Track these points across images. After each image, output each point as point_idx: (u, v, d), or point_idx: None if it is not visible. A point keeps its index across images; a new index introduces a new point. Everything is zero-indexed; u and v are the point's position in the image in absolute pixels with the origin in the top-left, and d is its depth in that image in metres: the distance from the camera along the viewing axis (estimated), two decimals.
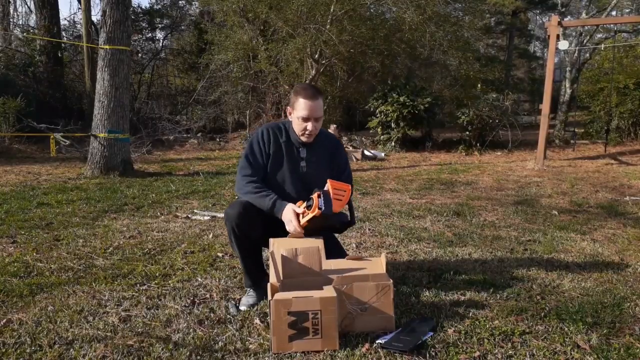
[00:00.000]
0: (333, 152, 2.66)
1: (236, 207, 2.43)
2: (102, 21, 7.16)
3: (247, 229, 2.42)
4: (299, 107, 2.49)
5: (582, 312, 2.37)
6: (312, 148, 2.60)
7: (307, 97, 2.47)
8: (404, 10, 11.33)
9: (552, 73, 9.50)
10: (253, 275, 2.55)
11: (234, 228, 2.41)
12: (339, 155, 2.69)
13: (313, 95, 2.48)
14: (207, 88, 15.33)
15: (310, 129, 2.50)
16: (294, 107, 2.53)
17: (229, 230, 2.45)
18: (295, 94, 2.53)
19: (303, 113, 2.47)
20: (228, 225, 2.44)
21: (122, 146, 7.30)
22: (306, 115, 2.47)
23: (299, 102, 2.48)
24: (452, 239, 3.83)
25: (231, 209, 2.44)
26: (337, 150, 2.69)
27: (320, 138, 2.62)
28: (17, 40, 15.53)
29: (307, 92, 2.49)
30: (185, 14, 17.90)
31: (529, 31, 27.29)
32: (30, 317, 2.34)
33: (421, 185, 6.71)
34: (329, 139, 2.70)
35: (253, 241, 2.49)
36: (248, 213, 2.41)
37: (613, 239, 3.87)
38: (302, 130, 2.52)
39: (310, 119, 2.48)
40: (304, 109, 2.47)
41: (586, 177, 7.50)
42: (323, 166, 2.61)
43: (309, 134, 2.52)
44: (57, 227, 4.11)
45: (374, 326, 2.19)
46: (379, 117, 12.11)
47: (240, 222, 2.40)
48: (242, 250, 2.48)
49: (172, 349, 2.04)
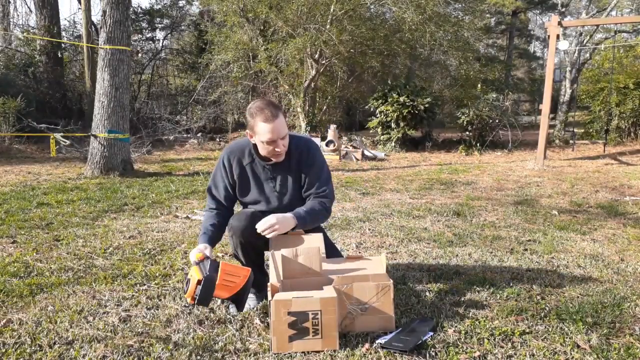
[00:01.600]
0: (299, 164, 2.43)
1: (242, 221, 2.37)
2: (102, 21, 7.15)
3: (254, 241, 2.40)
4: (260, 130, 2.25)
5: (582, 312, 2.37)
6: (278, 165, 2.42)
7: (266, 119, 2.22)
8: (404, 10, 11.33)
9: (552, 73, 9.50)
10: (257, 280, 2.54)
11: (241, 241, 2.39)
12: (305, 167, 2.43)
13: (272, 114, 2.22)
14: (207, 88, 15.33)
15: (280, 149, 2.30)
16: (254, 132, 2.28)
17: (235, 243, 2.41)
18: (252, 117, 2.27)
19: (267, 137, 2.24)
20: (235, 239, 2.40)
21: (122, 146, 7.30)
22: (270, 138, 2.25)
23: (259, 126, 2.24)
24: (452, 239, 3.83)
25: (237, 222, 2.39)
26: (305, 161, 2.43)
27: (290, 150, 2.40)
28: (17, 40, 15.53)
29: (264, 114, 2.23)
30: (185, 14, 17.89)
31: (529, 31, 27.31)
32: (30, 317, 2.34)
33: (421, 185, 6.71)
34: (297, 147, 2.43)
35: (257, 250, 2.49)
36: (253, 225, 2.34)
37: (613, 239, 3.87)
38: (270, 153, 2.32)
39: (276, 140, 2.27)
40: (266, 133, 2.24)
41: (586, 177, 7.50)
42: (292, 182, 2.45)
43: (278, 153, 2.33)
44: (57, 227, 4.11)
45: (374, 326, 2.19)
46: (379, 117, 12.12)
47: (247, 235, 2.37)
48: (248, 260, 2.47)
49: (172, 349, 2.04)
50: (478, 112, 11.70)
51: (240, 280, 2.12)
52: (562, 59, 20.04)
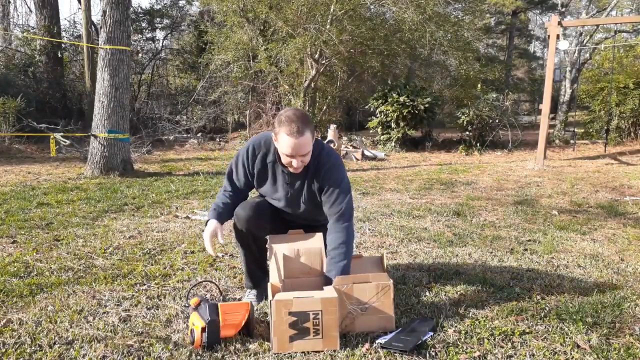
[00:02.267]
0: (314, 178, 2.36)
1: (247, 210, 2.38)
2: (102, 21, 7.15)
3: (255, 232, 2.41)
4: (282, 141, 2.18)
5: (582, 312, 2.37)
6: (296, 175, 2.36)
7: (290, 134, 2.14)
8: (404, 10, 11.33)
9: (552, 73, 9.50)
10: (254, 276, 2.55)
11: (243, 230, 2.40)
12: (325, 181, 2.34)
13: (298, 131, 2.13)
14: (207, 88, 15.33)
15: (296, 166, 2.24)
16: (277, 139, 2.22)
17: (236, 231, 2.43)
18: (280, 124, 2.18)
19: (287, 151, 2.19)
20: (237, 227, 2.42)
21: (122, 146, 7.30)
22: (289, 153, 2.19)
23: (282, 137, 2.17)
24: (452, 239, 3.83)
25: (242, 210, 2.40)
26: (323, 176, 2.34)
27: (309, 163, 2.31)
28: (17, 40, 15.53)
29: (291, 128, 2.13)
30: (185, 14, 17.89)
31: (529, 31, 27.32)
32: (30, 317, 2.34)
33: (421, 185, 6.71)
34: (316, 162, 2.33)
35: (259, 243, 2.49)
36: (258, 216, 2.36)
37: (613, 239, 3.87)
38: (286, 164, 2.28)
39: (295, 156, 2.21)
40: (286, 147, 2.17)
41: (586, 177, 7.50)
42: (306, 193, 2.39)
43: (294, 169, 2.27)
44: (57, 227, 4.11)
45: (374, 326, 2.19)
46: (379, 117, 12.11)
47: (249, 225, 2.38)
48: (247, 251, 2.48)
49: (172, 349, 2.04)
50: (478, 112, 11.70)
51: (242, 316, 2.09)
52: (562, 59, 20.04)
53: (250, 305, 2.14)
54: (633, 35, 19.72)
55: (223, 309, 2.09)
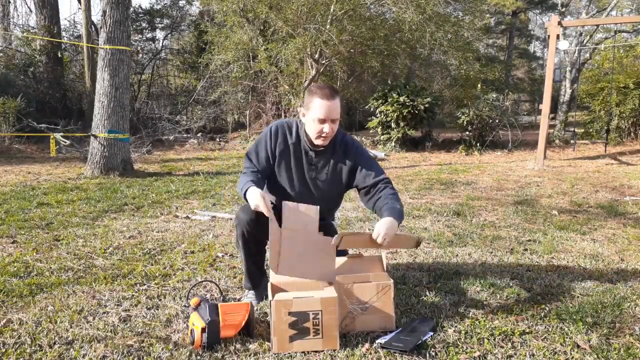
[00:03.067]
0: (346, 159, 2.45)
1: (249, 213, 2.35)
2: (102, 21, 7.16)
3: (257, 234, 2.40)
4: (314, 107, 2.31)
5: (582, 312, 2.37)
6: (323, 153, 2.43)
7: (323, 96, 2.29)
8: (404, 10, 11.33)
9: (552, 73, 9.50)
10: (254, 277, 2.55)
11: (244, 232, 2.39)
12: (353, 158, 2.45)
13: (330, 94, 2.30)
14: (207, 88, 15.33)
15: (327, 131, 2.32)
16: (308, 108, 2.34)
17: (238, 233, 2.43)
18: (311, 93, 2.35)
19: (319, 114, 2.29)
20: (239, 229, 2.41)
21: (122, 146, 7.31)
22: (322, 116, 2.29)
23: (315, 102, 2.30)
24: (452, 239, 3.83)
25: (243, 213, 2.39)
26: (353, 155, 2.45)
27: (334, 143, 2.44)
28: (17, 40, 15.53)
29: (323, 92, 2.31)
30: (185, 14, 17.90)
31: (529, 31, 27.32)
32: (30, 317, 2.34)
33: (421, 185, 6.71)
34: (345, 144, 2.47)
35: (259, 245, 2.49)
36: (260, 219, 2.34)
37: (613, 239, 3.87)
38: (317, 132, 2.34)
39: (327, 121, 2.31)
40: (320, 110, 2.29)
41: (586, 177, 7.50)
42: (330, 171, 2.45)
43: (324, 136, 2.35)
44: (57, 227, 4.11)
45: (375, 326, 2.19)
46: (379, 117, 12.11)
47: (251, 228, 2.38)
48: (247, 253, 2.48)
49: (172, 349, 2.04)
50: (478, 112, 11.70)
51: (242, 316, 2.09)
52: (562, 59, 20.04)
53: (250, 305, 2.14)
54: (633, 35, 19.72)
55: (223, 309, 2.09)
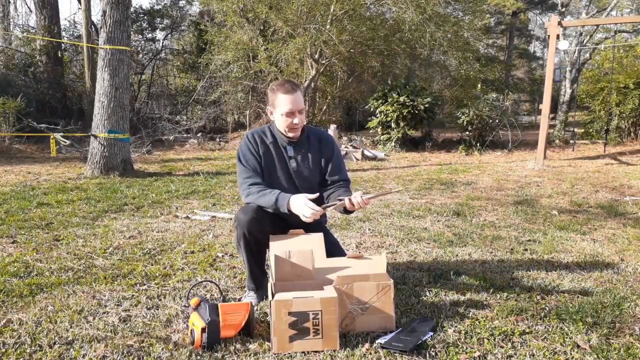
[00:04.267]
0: (320, 149, 2.62)
1: (249, 213, 2.40)
2: (102, 21, 7.15)
3: (258, 235, 2.42)
4: (280, 103, 2.46)
5: (582, 312, 2.37)
6: (298, 145, 2.57)
7: (286, 91, 2.44)
8: (404, 10, 11.33)
9: (552, 73, 9.50)
10: (256, 278, 2.54)
11: (245, 234, 2.40)
12: (326, 150, 2.63)
13: (291, 88, 2.45)
14: (207, 88, 15.33)
15: (297, 122, 2.47)
16: (274, 105, 2.50)
17: (239, 234, 2.43)
18: (273, 92, 2.49)
19: (286, 108, 2.44)
20: (239, 230, 2.42)
21: (122, 146, 7.30)
22: (289, 109, 2.44)
23: (279, 98, 2.46)
24: (452, 239, 3.83)
25: (243, 215, 2.41)
26: (325, 146, 2.63)
27: (307, 134, 2.60)
28: (17, 40, 15.53)
29: (284, 87, 2.46)
30: (185, 14, 17.90)
31: (529, 31, 27.33)
32: (30, 317, 2.34)
33: (421, 185, 6.71)
34: (318, 135, 2.66)
35: (260, 245, 2.49)
36: (259, 219, 2.40)
37: (613, 239, 3.87)
38: (288, 126, 2.49)
39: (294, 113, 2.45)
40: (286, 104, 2.44)
41: (586, 177, 7.50)
42: (311, 163, 2.58)
43: (295, 127, 2.49)
44: (57, 227, 4.11)
45: (375, 326, 2.19)
46: (379, 117, 12.12)
47: (252, 228, 2.39)
48: (249, 255, 2.48)
49: (172, 349, 2.04)
50: (478, 112, 11.70)
51: (242, 316, 2.09)
52: (562, 59, 20.04)
53: (250, 305, 2.14)
54: (633, 35, 19.72)
55: (223, 309, 2.09)
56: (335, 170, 2.63)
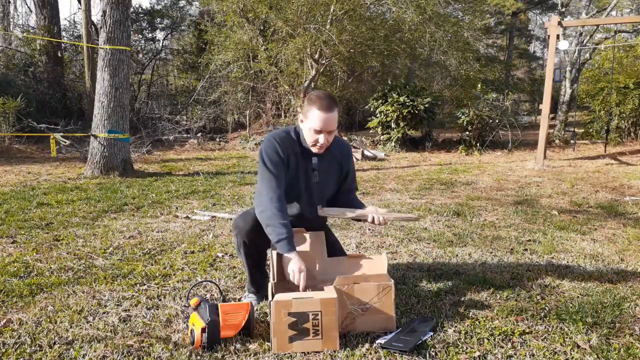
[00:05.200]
0: (341, 162, 2.52)
1: (248, 221, 2.34)
2: (102, 21, 7.15)
3: (258, 241, 2.38)
4: (312, 117, 2.29)
5: (582, 312, 2.37)
6: (323, 157, 2.45)
7: (321, 108, 2.26)
8: (404, 11, 11.32)
9: (552, 73, 9.49)
10: (257, 281, 2.53)
11: (245, 242, 2.37)
12: (347, 164, 2.55)
13: (328, 106, 2.27)
14: (207, 88, 15.33)
15: (322, 142, 2.32)
16: (306, 117, 2.33)
17: (238, 242, 2.40)
18: (310, 102, 2.32)
19: (316, 125, 2.28)
20: (238, 238, 2.38)
21: (122, 146, 7.30)
22: (319, 128, 2.28)
23: (313, 112, 2.29)
24: (452, 239, 3.83)
25: (243, 222, 2.36)
26: (346, 159, 2.54)
27: (332, 146, 2.44)
28: (17, 40, 15.53)
29: (322, 103, 2.27)
30: (185, 14, 17.90)
31: (529, 31, 27.33)
32: (30, 317, 2.34)
33: (421, 185, 6.71)
34: (340, 147, 2.53)
35: (261, 250, 2.48)
36: (258, 225, 2.32)
37: (613, 239, 3.87)
38: (313, 141, 2.34)
39: (323, 132, 2.30)
40: (317, 122, 2.28)
41: (586, 177, 7.50)
42: (332, 176, 2.50)
43: (319, 147, 2.34)
44: (57, 227, 4.11)
45: (375, 326, 2.19)
46: (379, 117, 12.11)
47: (252, 236, 2.36)
48: (250, 260, 2.46)
49: (172, 349, 2.04)
50: (478, 112, 11.69)
51: (242, 317, 2.09)
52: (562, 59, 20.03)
53: (250, 305, 2.14)
54: (633, 35, 19.71)
55: (223, 309, 2.09)
56: (350, 181, 2.61)
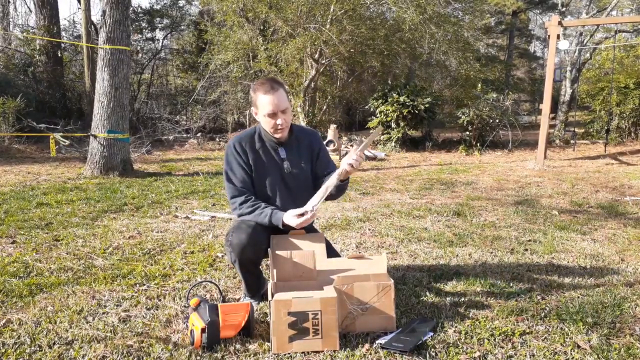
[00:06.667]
0: (310, 142, 2.55)
1: (242, 239, 2.29)
2: (101, 21, 7.15)
3: (253, 257, 2.36)
4: (261, 104, 2.35)
5: (582, 312, 2.37)
6: (289, 145, 2.49)
7: (266, 91, 2.32)
8: (404, 10, 11.32)
9: (552, 73, 9.49)
10: (253, 288, 2.52)
11: (239, 259, 2.33)
12: (316, 142, 2.58)
13: (271, 87, 2.33)
14: (206, 88, 15.32)
15: (281, 123, 2.36)
16: (257, 106, 2.39)
17: (232, 258, 2.35)
18: (254, 92, 2.38)
19: (267, 109, 2.33)
20: (232, 255, 2.33)
21: (121, 146, 7.30)
22: (271, 110, 2.33)
23: (260, 98, 2.35)
24: (452, 239, 3.83)
25: (236, 239, 2.30)
26: (315, 138, 2.59)
27: (295, 133, 2.51)
28: (16, 40, 15.52)
29: (264, 87, 2.33)
30: (185, 14, 17.89)
31: (529, 31, 27.32)
32: (30, 317, 2.33)
33: (421, 185, 6.71)
34: (304, 131, 2.60)
35: (256, 262, 2.45)
36: (253, 242, 2.29)
37: (613, 239, 3.87)
38: (272, 127, 2.38)
39: (277, 113, 2.34)
40: (266, 105, 2.33)
41: (586, 177, 7.50)
42: (305, 160, 2.51)
43: (281, 129, 2.38)
44: (56, 227, 4.11)
45: (375, 326, 2.19)
46: (379, 117, 12.11)
47: (247, 253, 2.31)
48: (245, 273, 2.44)
49: (172, 349, 2.04)
50: (478, 112, 11.69)
51: (242, 317, 2.09)
52: (562, 59, 20.04)
53: (250, 305, 2.14)
54: (633, 35, 19.71)
55: (223, 309, 2.09)
56: (324, 163, 2.57)
